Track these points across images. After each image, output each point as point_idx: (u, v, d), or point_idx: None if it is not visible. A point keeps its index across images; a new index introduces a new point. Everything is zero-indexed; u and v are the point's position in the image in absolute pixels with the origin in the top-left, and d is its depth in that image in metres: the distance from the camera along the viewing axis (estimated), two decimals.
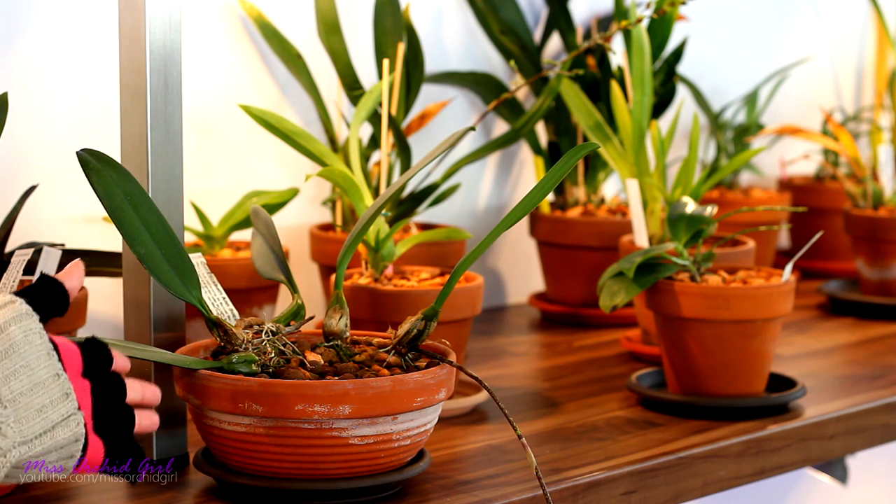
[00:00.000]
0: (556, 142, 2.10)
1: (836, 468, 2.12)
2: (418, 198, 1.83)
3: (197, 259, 1.33)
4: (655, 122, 1.84)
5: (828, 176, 2.51)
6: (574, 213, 2.05)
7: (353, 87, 1.84)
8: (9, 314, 1.07)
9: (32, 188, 1.51)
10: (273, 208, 1.74)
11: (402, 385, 1.23)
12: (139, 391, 1.15)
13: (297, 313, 1.33)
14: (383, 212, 1.60)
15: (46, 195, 1.64)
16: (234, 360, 1.26)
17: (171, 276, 1.28)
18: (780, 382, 1.63)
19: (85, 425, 1.08)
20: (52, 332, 1.10)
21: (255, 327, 1.30)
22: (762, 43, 2.59)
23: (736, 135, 2.41)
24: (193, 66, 1.75)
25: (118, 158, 1.30)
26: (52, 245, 1.47)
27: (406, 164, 1.79)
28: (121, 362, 1.14)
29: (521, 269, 2.20)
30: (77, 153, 1.26)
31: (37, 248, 1.45)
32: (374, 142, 1.85)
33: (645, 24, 1.86)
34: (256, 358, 1.27)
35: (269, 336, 1.29)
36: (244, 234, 1.81)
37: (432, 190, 1.84)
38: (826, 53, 2.70)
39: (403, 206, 1.83)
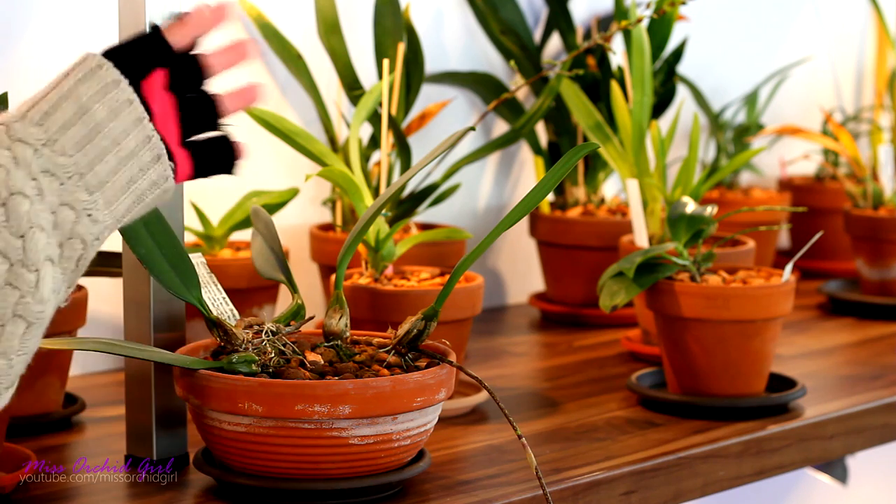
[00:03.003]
0: (556, 142, 2.10)
1: (836, 468, 2.12)
2: (418, 198, 1.83)
3: (197, 259, 1.33)
4: (655, 122, 1.84)
5: (828, 176, 2.51)
6: (574, 213, 2.05)
7: (353, 87, 1.84)
8: (92, 88, 1.01)
9: None
10: (273, 208, 1.74)
11: (402, 385, 1.23)
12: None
13: (297, 313, 1.33)
14: (383, 212, 1.60)
15: None
16: (234, 360, 1.26)
17: (171, 276, 1.28)
18: (780, 382, 1.63)
19: (171, 155, 1.04)
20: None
21: (255, 327, 1.30)
22: (762, 43, 2.59)
23: (736, 135, 2.41)
24: None
25: None
26: None
27: (406, 164, 1.79)
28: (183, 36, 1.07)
29: (521, 269, 2.20)
30: None
31: None
32: (374, 142, 1.85)
33: (645, 24, 1.86)
34: (256, 358, 1.27)
35: (269, 336, 1.29)
36: (244, 234, 1.81)
37: (432, 190, 1.84)
38: (826, 53, 2.70)
39: (403, 206, 1.83)
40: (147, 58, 1.05)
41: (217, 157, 1.10)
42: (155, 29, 1.07)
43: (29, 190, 0.97)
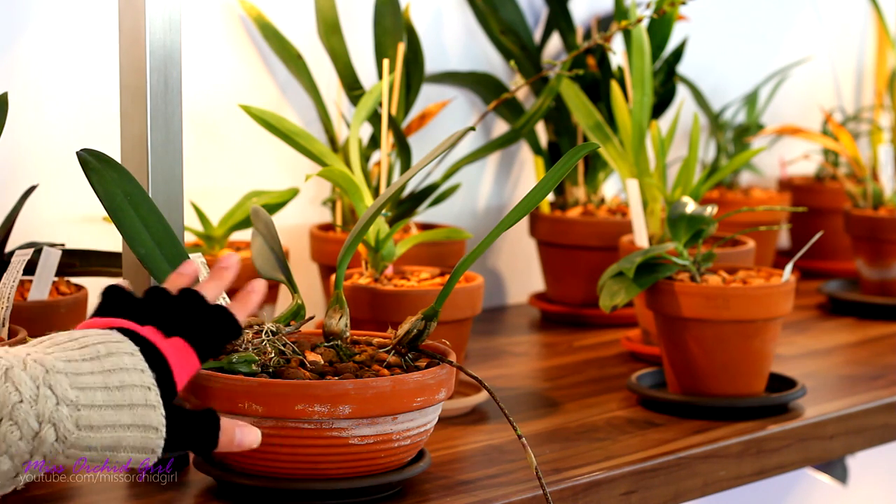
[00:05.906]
0: (556, 142, 2.10)
1: (836, 468, 2.12)
2: (418, 198, 1.83)
3: (197, 259, 1.33)
4: (655, 122, 1.84)
5: (828, 176, 2.51)
6: (574, 213, 2.05)
7: (353, 87, 1.84)
8: (123, 379, 1.07)
9: (32, 188, 1.51)
10: (273, 208, 1.74)
11: (402, 385, 1.23)
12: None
13: (297, 313, 1.33)
14: (383, 212, 1.60)
15: (46, 195, 1.64)
16: (234, 360, 1.26)
17: None
18: (780, 382, 1.63)
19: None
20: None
21: (255, 327, 1.30)
22: (762, 43, 2.59)
23: (736, 135, 2.41)
24: (193, 66, 1.75)
25: (118, 158, 1.30)
26: (52, 245, 1.47)
27: (406, 164, 1.79)
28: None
29: (521, 269, 2.20)
30: (77, 153, 1.26)
31: (37, 248, 1.46)
32: (374, 142, 1.85)
33: (645, 24, 1.86)
34: (256, 358, 1.27)
35: (269, 336, 1.29)
36: (244, 234, 1.81)
37: (432, 190, 1.84)
38: (826, 53, 2.70)
39: (403, 206, 1.83)
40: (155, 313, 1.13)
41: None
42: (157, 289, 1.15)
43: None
